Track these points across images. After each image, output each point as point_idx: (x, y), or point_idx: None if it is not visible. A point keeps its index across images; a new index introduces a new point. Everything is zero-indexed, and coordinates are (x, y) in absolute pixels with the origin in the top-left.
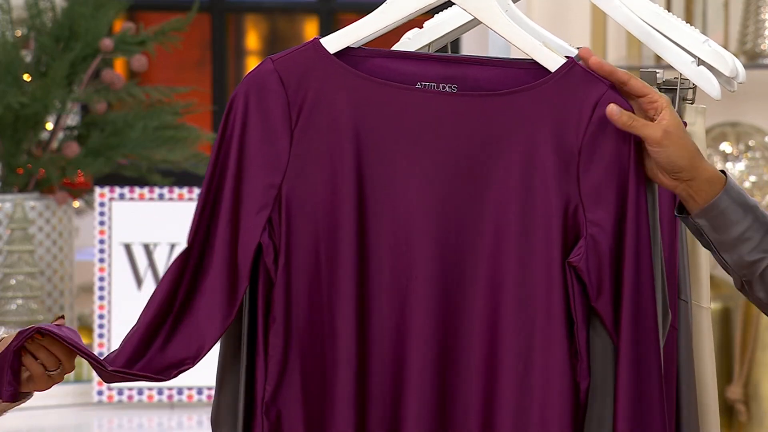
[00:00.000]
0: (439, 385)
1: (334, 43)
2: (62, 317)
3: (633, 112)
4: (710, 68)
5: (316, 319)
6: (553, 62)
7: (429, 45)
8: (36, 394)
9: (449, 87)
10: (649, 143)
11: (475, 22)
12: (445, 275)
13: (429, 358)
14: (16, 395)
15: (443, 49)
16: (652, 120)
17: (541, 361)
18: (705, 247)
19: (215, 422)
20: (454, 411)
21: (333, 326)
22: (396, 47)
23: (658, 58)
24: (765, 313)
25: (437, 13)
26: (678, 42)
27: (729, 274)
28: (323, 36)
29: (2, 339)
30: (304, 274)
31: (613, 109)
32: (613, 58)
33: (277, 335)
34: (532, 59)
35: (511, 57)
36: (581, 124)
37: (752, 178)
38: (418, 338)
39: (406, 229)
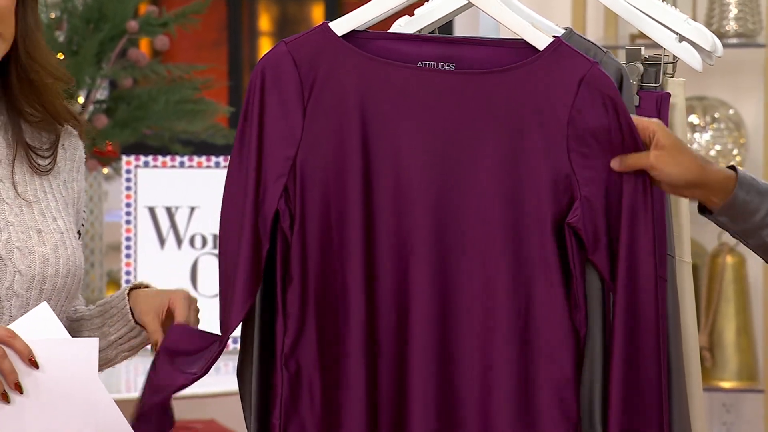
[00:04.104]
0: (440, 339)
1: (341, 26)
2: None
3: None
4: (691, 44)
5: (329, 277)
6: (541, 41)
7: (420, 31)
8: None
9: (447, 66)
10: (649, 170)
11: (462, 9)
12: (444, 236)
13: (430, 313)
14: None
15: (432, 33)
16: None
17: (541, 313)
18: (732, 236)
19: (240, 377)
20: (458, 361)
21: (344, 284)
22: None
23: (633, 37)
24: None
25: None
26: (661, 21)
27: (759, 256)
28: (330, 20)
29: (138, 287)
30: (317, 237)
31: (613, 164)
32: (592, 37)
33: (294, 293)
34: (522, 39)
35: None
36: (568, 97)
37: (717, 147)
38: (421, 294)
39: (408, 196)
